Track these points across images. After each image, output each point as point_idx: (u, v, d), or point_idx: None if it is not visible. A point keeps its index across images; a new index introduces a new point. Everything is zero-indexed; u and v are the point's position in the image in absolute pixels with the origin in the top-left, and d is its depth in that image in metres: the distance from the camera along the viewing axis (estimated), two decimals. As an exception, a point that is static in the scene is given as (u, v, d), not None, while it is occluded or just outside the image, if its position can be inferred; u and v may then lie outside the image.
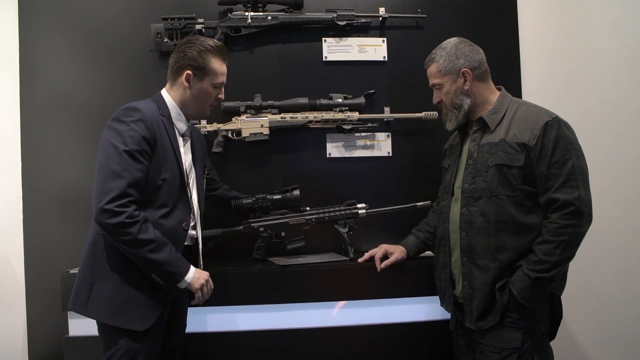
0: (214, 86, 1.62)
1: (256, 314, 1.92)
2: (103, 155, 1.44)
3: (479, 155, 1.63)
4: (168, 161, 1.53)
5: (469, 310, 1.62)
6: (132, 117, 1.47)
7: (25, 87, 2.16)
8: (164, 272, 1.46)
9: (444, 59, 1.67)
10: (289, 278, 1.90)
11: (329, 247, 2.18)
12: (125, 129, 1.45)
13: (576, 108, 2.10)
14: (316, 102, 2.15)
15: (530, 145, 1.53)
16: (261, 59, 2.21)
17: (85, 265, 1.49)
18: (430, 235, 1.92)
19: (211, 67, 1.59)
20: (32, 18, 2.16)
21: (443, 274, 1.73)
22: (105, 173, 1.42)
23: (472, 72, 1.65)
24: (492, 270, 1.56)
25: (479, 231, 1.60)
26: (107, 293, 1.46)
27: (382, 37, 2.25)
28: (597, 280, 2.12)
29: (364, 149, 2.23)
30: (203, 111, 1.68)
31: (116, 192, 1.38)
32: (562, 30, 2.26)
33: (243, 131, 2.11)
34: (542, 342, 1.59)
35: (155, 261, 1.44)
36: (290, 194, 2.03)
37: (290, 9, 2.17)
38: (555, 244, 1.48)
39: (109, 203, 1.37)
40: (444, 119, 1.75)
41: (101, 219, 1.38)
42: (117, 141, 1.44)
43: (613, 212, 1.99)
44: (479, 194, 1.60)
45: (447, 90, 1.68)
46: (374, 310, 1.94)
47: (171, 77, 1.62)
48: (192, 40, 1.61)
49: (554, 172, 1.50)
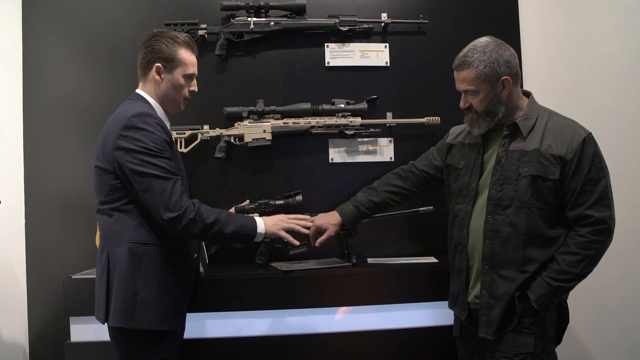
0: (185, 77, 1.58)
1: (258, 319, 1.91)
2: (142, 166, 1.41)
3: (507, 162, 1.56)
4: (178, 159, 1.57)
5: (486, 319, 1.57)
6: (150, 122, 1.45)
7: (28, 90, 2.17)
8: (240, 237, 1.58)
9: (485, 65, 1.53)
10: (292, 283, 1.90)
11: (331, 253, 2.18)
12: (148, 135, 1.43)
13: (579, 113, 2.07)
14: (319, 108, 2.15)
15: (567, 158, 1.50)
16: (264, 65, 2.22)
17: (123, 277, 1.44)
18: (373, 205, 1.83)
19: (180, 57, 1.56)
20: (35, 22, 2.17)
21: (458, 279, 1.68)
22: (155, 183, 1.41)
23: (511, 80, 1.55)
24: (517, 281, 1.53)
25: (505, 241, 1.55)
26: (153, 301, 1.45)
27: (385, 43, 2.26)
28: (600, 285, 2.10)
29: (367, 154, 2.23)
30: (177, 105, 1.63)
31: (177, 195, 1.42)
32: (565, 35, 2.26)
33: (245, 136, 2.12)
34: (550, 347, 1.58)
35: (230, 234, 1.52)
36: (292, 199, 2.04)
37: (293, 15, 2.17)
38: (582, 257, 1.48)
39: (176, 208, 1.41)
40: (471, 123, 1.63)
41: (174, 225, 1.41)
42: (148, 148, 1.42)
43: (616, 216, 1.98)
44: (507, 203, 1.55)
45: (483, 98, 1.56)
46: (376, 316, 1.93)
47: (142, 74, 1.60)
48: (157, 34, 1.58)
49: (589, 189, 1.49)
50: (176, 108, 1.64)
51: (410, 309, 1.94)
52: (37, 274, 2.13)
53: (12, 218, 2.11)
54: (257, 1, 2.13)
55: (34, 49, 2.17)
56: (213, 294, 1.86)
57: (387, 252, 1.92)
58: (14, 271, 2.10)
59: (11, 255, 2.10)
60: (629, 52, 2.07)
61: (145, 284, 1.45)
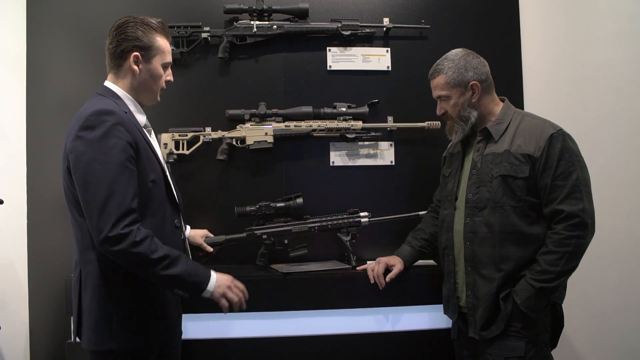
0: (163, 66, 1.48)
1: (258, 321, 1.92)
2: (87, 174, 1.27)
3: (482, 166, 1.64)
4: (151, 160, 1.41)
5: (473, 320, 1.63)
6: (108, 121, 1.30)
7: (31, 91, 2.17)
8: (185, 284, 1.37)
9: (453, 70, 1.66)
10: (292, 285, 1.91)
11: (331, 255, 2.19)
12: (105, 138, 1.28)
13: (578, 119, 2.12)
14: (320, 111, 2.17)
15: (535, 156, 1.55)
16: (266, 68, 2.23)
17: (95, 295, 1.35)
18: (426, 243, 1.93)
19: (157, 45, 1.45)
20: (39, 23, 2.18)
21: (448, 282, 1.74)
22: (97, 194, 1.26)
23: (480, 85, 1.65)
24: (496, 280, 1.58)
25: (483, 241, 1.61)
26: (128, 318, 1.36)
27: (386, 47, 2.27)
28: (597, 289, 2.13)
29: (367, 158, 2.25)
30: (154, 96, 1.52)
31: (118, 214, 1.25)
32: (565, 41, 2.28)
33: (247, 139, 2.13)
34: (544, 351, 1.61)
35: (174, 276, 1.33)
36: (293, 201, 2.05)
37: (296, 19, 2.19)
38: (560, 254, 1.50)
39: (113, 228, 1.24)
40: (449, 130, 1.75)
41: (107, 247, 1.26)
42: (99, 153, 1.27)
43: (614, 221, 2.00)
44: (483, 204, 1.61)
45: (455, 103, 1.67)
46: (376, 319, 1.94)
47: (114, 65, 1.45)
48: (129, 20, 1.44)
49: (559, 184, 1.52)
50: (153, 99, 1.53)
51: (410, 312, 1.95)
52: (38, 274, 2.14)
53: (15, 218, 2.11)
54: (260, 5, 2.15)
55: (38, 50, 2.17)
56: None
57: (387, 255, 1.92)
58: (15, 271, 2.11)
59: (13, 255, 2.11)
60: (629, 59, 2.09)
61: (120, 300, 1.36)
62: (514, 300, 1.55)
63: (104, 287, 1.36)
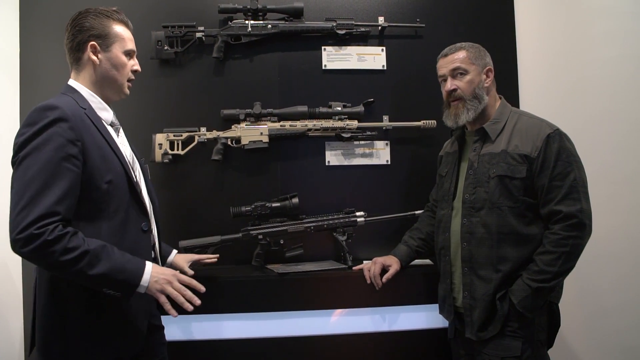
0: (125, 54, 1.42)
1: (254, 321, 1.91)
2: (17, 171, 1.20)
3: (479, 166, 1.63)
4: (107, 160, 1.31)
5: (470, 320, 1.62)
6: (49, 117, 1.22)
7: (25, 92, 2.16)
8: (114, 282, 1.22)
9: (475, 50, 1.68)
10: (288, 286, 1.90)
11: (327, 255, 2.19)
12: (43, 134, 1.21)
13: (574, 118, 2.11)
14: (315, 110, 2.16)
15: (532, 157, 1.54)
16: (261, 67, 2.22)
17: (47, 309, 1.25)
18: (423, 242, 1.92)
19: (115, 32, 1.39)
20: (33, 23, 2.17)
21: (444, 283, 1.74)
22: (18, 192, 1.17)
23: (492, 75, 1.69)
24: (494, 281, 1.57)
25: (480, 242, 1.60)
26: (81, 334, 1.25)
27: (381, 46, 2.27)
28: (594, 288, 2.12)
29: (363, 157, 2.24)
30: (121, 87, 1.43)
31: (34, 215, 1.14)
32: (561, 40, 2.27)
33: (242, 139, 2.12)
34: (541, 351, 1.60)
35: (99, 275, 1.19)
36: (289, 201, 2.04)
37: (290, 18, 2.18)
38: (557, 254, 1.49)
39: (23, 230, 1.13)
40: (456, 112, 1.67)
41: (17, 249, 1.15)
42: (31, 149, 1.20)
43: (611, 220, 1.99)
44: (480, 205, 1.61)
45: (471, 79, 1.65)
46: (372, 318, 1.94)
47: (74, 60, 1.39)
48: (82, 12, 1.39)
49: (556, 184, 1.52)
50: (120, 92, 1.44)
51: (406, 312, 1.95)
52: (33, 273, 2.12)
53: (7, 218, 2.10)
54: (254, 4, 2.14)
55: (31, 50, 2.16)
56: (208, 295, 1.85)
57: (383, 254, 1.92)
58: (9, 272, 2.10)
59: (7, 257, 2.09)
60: (626, 57, 2.08)
61: (72, 314, 1.25)
62: (511, 300, 1.54)
63: (55, 296, 1.25)
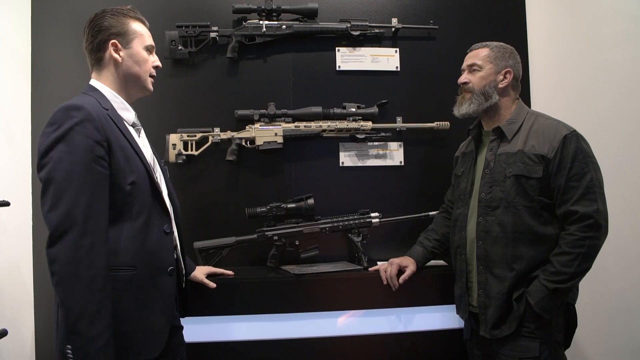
0: (145, 49, 1.43)
1: (270, 323, 1.91)
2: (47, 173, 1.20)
3: (495, 165, 1.64)
4: (130, 161, 1.31)
5: (484, 318, 1.63)
6: (75, 117, 1.22)
7: (36, 90, 2.14)
8: None
9: (498, 50, 1.70)
10: (304, 287, 1.90)
11: (342, 256, 2.19)
12: (68, 136, 1.20)
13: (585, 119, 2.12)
14: (330, 111, 2.16)
15: (549, 157, 1.55)
16: (275, 68, 2.22)
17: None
18: (438, 243, 1.93)
19: (133, 29, 1.41)
20: (45, 22, 2.15)
21: (459, 282, 1.75)
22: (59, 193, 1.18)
23: (512, 77, 1.69)
24: (508, 280, 1.58)
25: (496, 240, 1.61)
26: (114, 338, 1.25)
27: (395, 48, 2.27)
28: (610, 289, 2.14)
29: (377, 158, 2.24)
30: (144, 84, 1.44)
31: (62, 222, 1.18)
32: (572, 41, 2.29)
33: (257, 139, 2.11)
34: (558, 351, 1.61)
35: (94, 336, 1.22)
36: (304, 202, 2.04)
37: (305, 19, 2.18)
38: (574, 255, 1.50)
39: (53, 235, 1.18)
40: (461, 101, 1.75)
41: None
42: (60, 152, 1.19)
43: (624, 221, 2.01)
44: (496, 204, 1.62)
45: (483, 76, 1.69)
46: (388, 319, 1.94)
47: (95, 61, 1.41)
48: (98, 14, 1.40)
49: (573, 185, 1.53)
50: (143, 88, 1.45)
51: (421, 312, 1.95)
52: (44, 277, 2.10)
53: (20, 220, 2.08)
54: (269, 4, 2.13)
55: (43, 50, 2.15)
56: (224, 297, 1.85)
57: (398, 255, 1.92)
58: (21, 273, 2.08)
59: (19, 259, 2.07)
60: (636, 59, 2.10)
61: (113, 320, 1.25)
62: (528, 301, 1.55)
63: None
